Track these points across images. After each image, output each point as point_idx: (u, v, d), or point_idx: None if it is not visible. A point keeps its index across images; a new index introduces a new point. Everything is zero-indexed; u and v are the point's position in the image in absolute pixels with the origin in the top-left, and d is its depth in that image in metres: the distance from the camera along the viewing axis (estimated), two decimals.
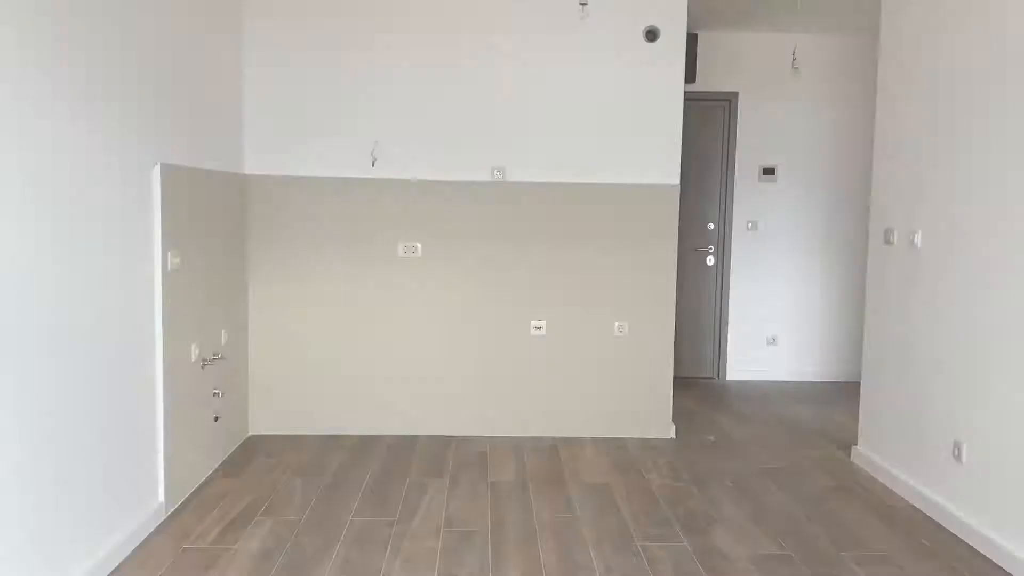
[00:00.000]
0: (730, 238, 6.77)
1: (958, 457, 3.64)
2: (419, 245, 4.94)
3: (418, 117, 4.86)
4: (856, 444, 4.70)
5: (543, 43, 4.86)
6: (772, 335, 6.83)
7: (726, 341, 6.84)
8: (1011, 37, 3.30)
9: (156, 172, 3.53)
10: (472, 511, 3.80)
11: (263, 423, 4.97)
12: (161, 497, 3.64)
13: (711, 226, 6.80)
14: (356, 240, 4.91)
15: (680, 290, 6.78)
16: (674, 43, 4.90)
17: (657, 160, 4.96)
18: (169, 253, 3.65)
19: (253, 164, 4.85)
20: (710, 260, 6.80)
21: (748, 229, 6.77)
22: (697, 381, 6.75)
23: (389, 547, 3.40)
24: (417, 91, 4.85)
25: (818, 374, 6.80)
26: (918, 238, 4.01)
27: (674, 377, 6.78)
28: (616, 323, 5.03)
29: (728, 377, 6.85)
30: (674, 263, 5.02)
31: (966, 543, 3.54)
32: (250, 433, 4.95)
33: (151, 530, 3.51)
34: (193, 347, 3.98)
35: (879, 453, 4.39)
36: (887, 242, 4.33)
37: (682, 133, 6.61)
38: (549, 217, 4.96)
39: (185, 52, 3.89)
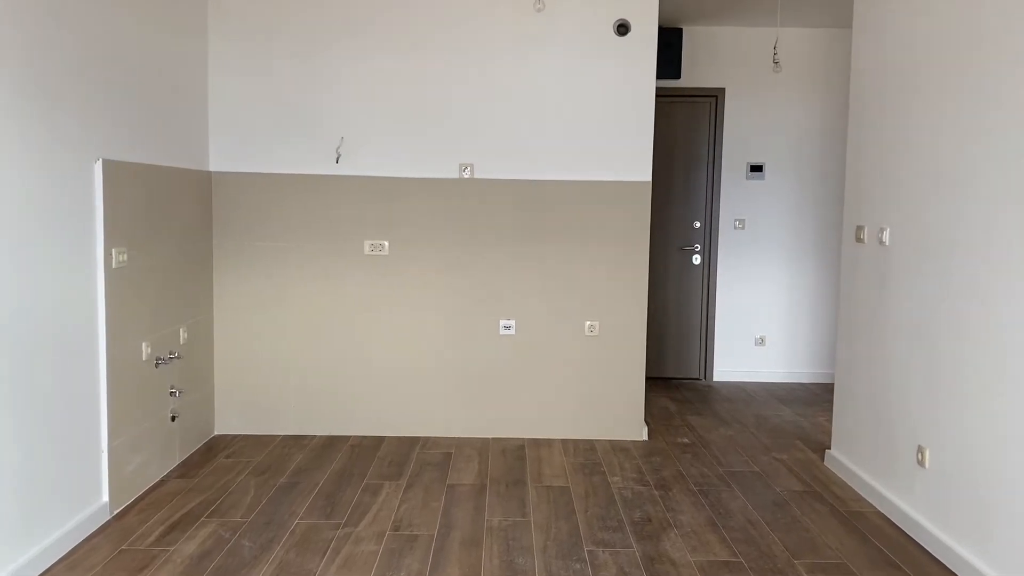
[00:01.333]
0: (717, 237, 6.65)
1: (921, 463, 3.51)
2: (386, 243, 4.87)
3: (385, 114, 4.79)
4: (830, 448, 4.57)
5: (512, 38, 4.77)
6: (760, 335, 6.70)
7: (713, 342, 6.72)
8: (979, 31, 3.17)
9: (98, 168, 3.48)
10: (423, 514, 3.72)
11: (229, 423, 4.92)
12: (105, 497, 3.59)
13: (697, 224, 6.68)
14: (322, 238, 4.84)
15: (666, 290, 6.69)
16: (645, 37, 4.79)
17: (629, 156, 4.85)
18: (114, 250, 3.59)
19: (219, 162, 4.80)
20: (696, 259, 6.69)
21: (735, 227, 6.65)
22: (682, 382, 6.64)
23: (328, 551, 3.32)
24: (384, 88, 4.77)
25: (807, 375, 6.66)
26: (887, 236, 3.89)
27: (659, 378, 6.72)
28: (587, 322, 4.93)
29: (715, 378, 6.72)
30: (646, 261, 4.91)
31: (928, 552, 3.41)
32: (215, 433, 4.90)
33: (92, 530, 3.45)
34: (144, 345, 3.92)
35: (851, 457, 4.26)
36: (858, 240, 4.21)
37: (668, 130, 6.54)
38: (519, 215, 4.87)
39: (139, 50, 3.84)
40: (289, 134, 4.79)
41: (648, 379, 6.65)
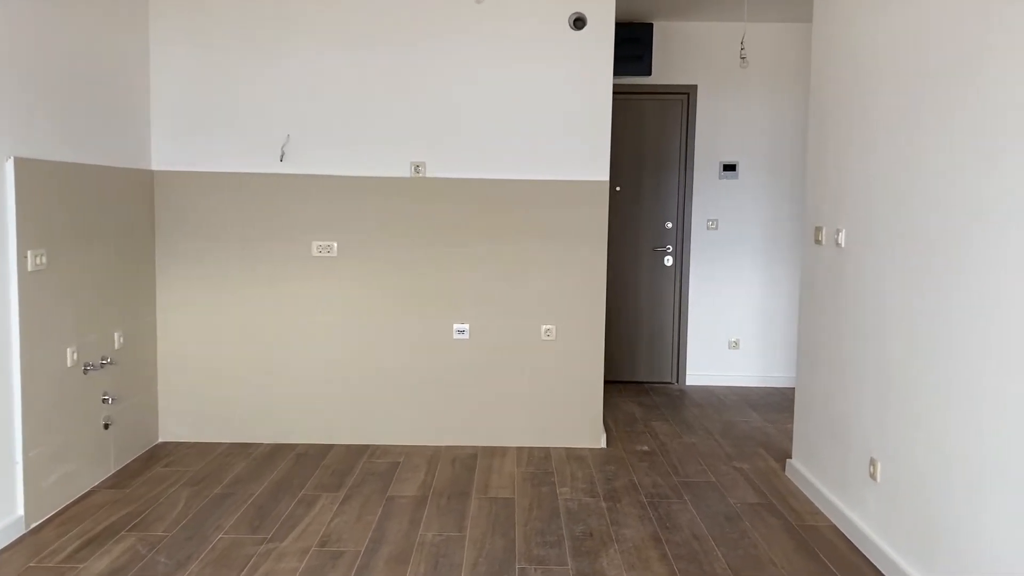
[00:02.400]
0: (689, 237, 6.48)
1: (873, 476, 3.35)
2: (335, 244, 4.71)
3: (335, 112, 4.63)
4: (791, 457, 4.40)
5: (465, 32, 4.61)
6: (734, 338, 6.54)
7: (685, 345, 6.55)
8: (932, 29, 3.00)
9: (9, 166, 3.32)
10: (354, 529, 3.57)
11: (174, 430, 4.76)
12: (20, 510, 3.44)
13: (669, 225, 6.51)
14: (270, 239, 4.69)
15: (637, 292, 6.52)
16: (602, 31, 4.63)
17: (586, 155, 4.69)
18: (30, 252, 3.44)
19: (162, 161, 4.64)
20: (668, 260, 6.52)
21: (708, 228, 6.48)
22: (654, 387, 6.47)
23: (247, 568, 3.17)
24: (333, 85, 4.62)
25: (782, 380, 6.49)
26: (842, 237, 3.72)
27: (631, 382, 6.55)
28: (543, 327, 4.77)
29: (688, 383, 6.56)
30: (604, 264, 4.75)
31: (877, 569, 3.24)
32: (160, 440, 4.75)
33: (3, 545, 3.30)
34: (69, 351, 3.77)
35: (810, 468, 4.09)
36: (816, 241, 4.04)
37: (639, 128, 6.38)
38: (472, 215, 4.71)
39: (70, 46, 3.68)
40: (235, 132, 4.64)
41: (619, 383, 6.50)
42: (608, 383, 6.49)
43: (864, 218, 3.49)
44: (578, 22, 4.64)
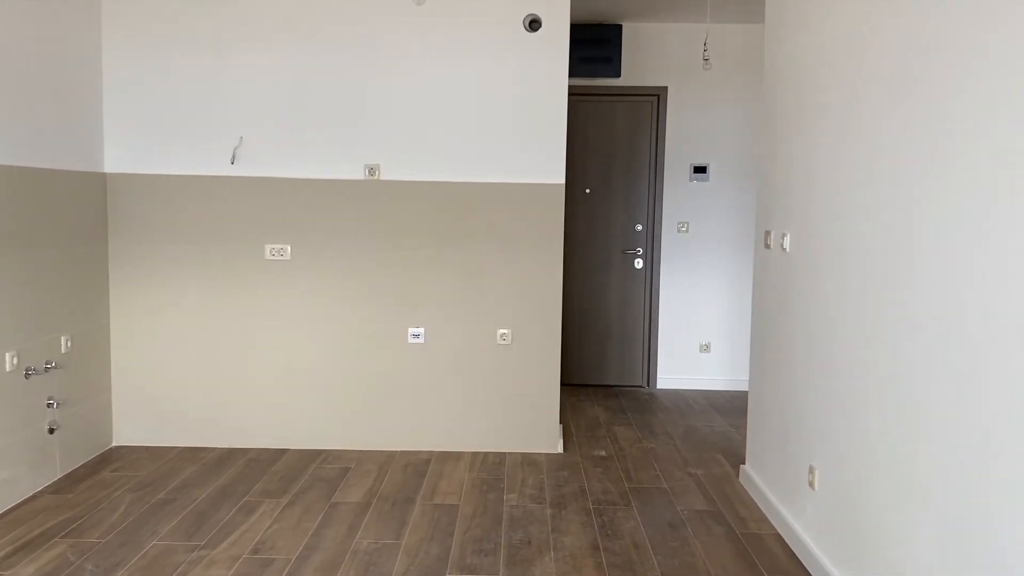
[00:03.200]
0: (660, 240, 6.44)
1: (812, 483, 3.30)
2: (288, 247, 4.68)
3: (288, 114, 4.60)
4: (744, 463, 4.36)
5: (420, 34, 4.58)
6: (705, 342, 6.49)
7: (656, 348, 6.51)
8: (868, 33, 2.95)
9: None
10: (290, 536, 3.53)
11: (129, 433, 4.74)
12: None
13: (639, 227, 6.47)
14: (223, 242, 4.66)
15: (608, 294, 6.48)
16: (557, 32, 4.59)
17: (542, 158, 4.65)
18: None
19: (115, 163, 4.62)
20: (639, 263, 6.47)
21: (679, 230, 6.44)
22: (624, 390, 6.42)
23: (174, 575, 3.14)
24: (287, 87, 4.59)
25: None
26: (787, 242, 3.67)
27: (601, 386, 6.51)
28: (500, 330, 4.73)
29: (658, 386, 6.51)
30: (560, 267, 4.71)
31: None
32: (114, 444, 4.73)
33: None
34: (9, 356, 3.74)
35: (760, 474, 4.05)
36: (766, 246, 4.00)
37: (608, 130, 6.34)
38: (427, 218, 4.67)
39: (13, 49, 3.66)
40: (189, 134, 4.61)
41: (589, 387, 6.46)
42: (577, 387, 6.46)
43: (807, 223, 3.44)
44: (533, 24, 4.60)
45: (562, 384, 6.46)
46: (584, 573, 3.22)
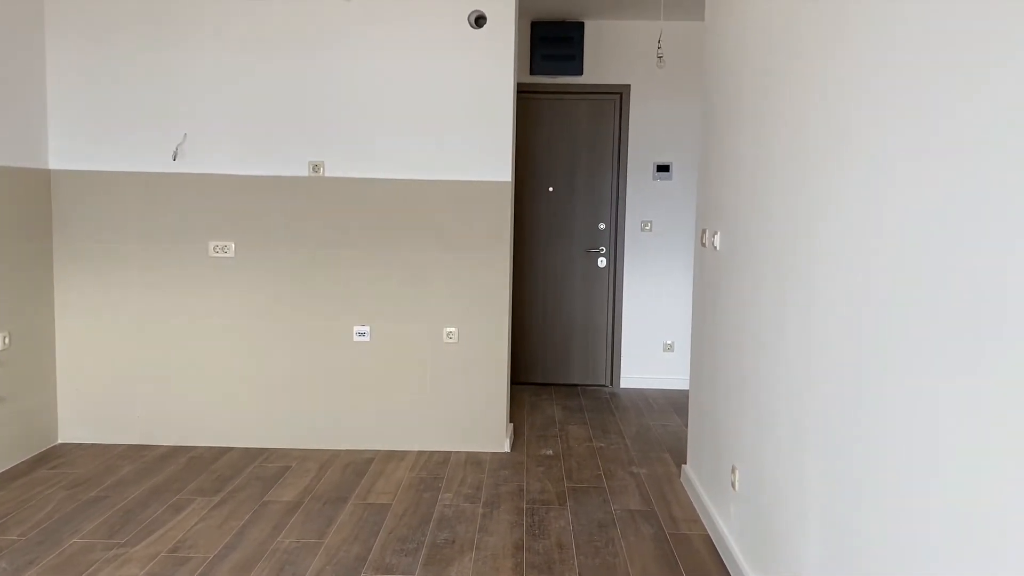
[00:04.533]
0: (623, 239, 6.40)
1: (733, 484, 3.27)
2: (232, 244, 4.66)
3: (232, 110, 4.58)
4: (685, 463, 4.32)
5: (363, 29, 4.55)
6: (669, 340, 6.45)
7: (619, 347, 6.47)
8: (777, 28, 2.92)
9: None
10: (213, 535, 3.51)
11: (74, 431, 4.73)
12: None
13: (602, 226, 6.43)
14: (166, 239, 4.64)
15: (572, 293, 6.45)
16: (503, 28, 4.55)
17: (489, 155, 4.62)
18: None
19: (60, 160, 4.60)
20: (602, 262, 6.44)
21: (642, 229, 6.40)
22: (586, 389, 6.39)
23: (86, 574, 3.11)
24: (231, 83, 4.57)
25: None
26: (717, 240, 3.64)
27: (564, 385, 6.48)
28: (446, 329, 4.70)
29: (622, 385, 6.48)
30: (508, 264, 4.68)
31: None
32: (59, 441, 4.71)
33: None
34: None
35: (697, 474, 4.01)
36: (702, 244, 3.96)
37: (571, 129, 6.30)
38: (373, 216, 4.65)
39: None
40: (133, 130, 4.59)
41: (551, 386, 6.43)
42: (540, 386, 6.43)
43: (732, 222, 3.41)
44: (479, 20, 4.57)
45: (525, 383, 6.44)
46: (501, 573, 3.19)
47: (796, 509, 2.53)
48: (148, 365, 4.69)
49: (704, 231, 3.90)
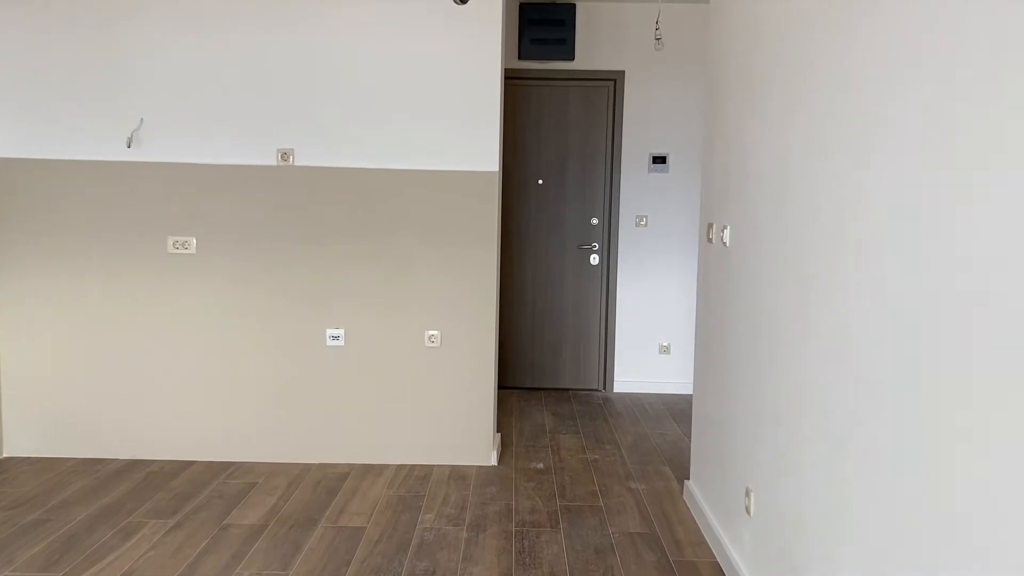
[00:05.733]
0: (617, 235, 6.05)
1: (748, 508, 2.91)
2: (193, 240, 4.27)
3: (193, 94, 4.19)
4: (689, 478, 3.97)
5: (338, 6, 4.16)
6: (665, 343, 6.10)
7: (613, 350, 6.12)
8: (799, 19, 2.56)
9: None
10: (164, 565, 3.12)
11: (22, 444, 4.33)
12: None
13: (595, 221, 6.07)
14: (121, 233, 4.24)
15: (563, 292, 6.09)
16: (489, 5, 4.18)
17: (474, 143, 4.25)
18: None
19: (1, 147, 4.19)
20: (595, 259, 6.08)
21: (637, 224, 6.05)
22: (578, 394, 6.03)
23: None
24: (192, 65, 4.17)
25: None
26: (727, 235, 3.28)
27: (555, 389, 6.12)
28: (428, 332, 4.33)
29: (616, 389, 6.13)
30: (495, 261, 4.31)
31: None
32: (4, 455, 4.31)
33: None
34: None
35: (703, 492, 3.66)
36: (708, 239, 3.60)
37: (561, 118, 5.95)
38: (347, 208, 4.27)
39: None
40: (85, 116, 4.19)
41: (541, 391, 6.08)
42: (529, 390, 6.08)
43: (745, 215, 3.05)
44: None
45: (513, 388, 6.08)
46: None
47: (829, 542, 2.18)
48: (101, 372, 4.29)
49: (711, 226, 3.55)
